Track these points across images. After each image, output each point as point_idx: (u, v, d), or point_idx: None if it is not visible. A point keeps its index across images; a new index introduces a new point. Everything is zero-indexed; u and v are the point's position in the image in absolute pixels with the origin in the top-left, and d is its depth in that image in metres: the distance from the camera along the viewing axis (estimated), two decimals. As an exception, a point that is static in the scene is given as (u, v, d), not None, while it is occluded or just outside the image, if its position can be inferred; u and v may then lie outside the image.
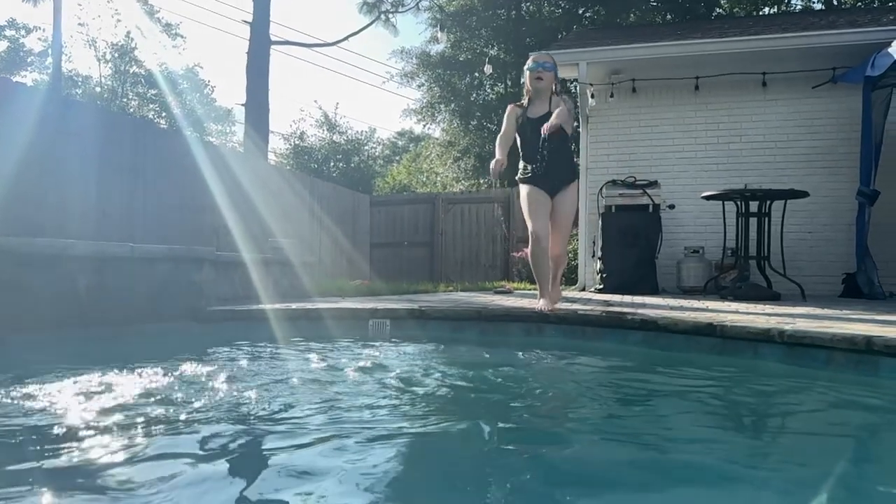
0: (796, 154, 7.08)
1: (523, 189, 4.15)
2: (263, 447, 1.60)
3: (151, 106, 25.02)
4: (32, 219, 5.22)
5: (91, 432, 1.60)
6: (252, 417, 1.82)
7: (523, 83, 4.21)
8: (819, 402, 2.28)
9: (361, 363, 2.67)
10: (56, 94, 10.88)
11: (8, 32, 26.16)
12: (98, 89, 25.18)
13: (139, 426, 1.66)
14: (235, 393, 2.08)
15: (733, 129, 7.28)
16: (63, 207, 5.61)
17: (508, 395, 2.31)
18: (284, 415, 1.87)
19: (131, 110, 24.14)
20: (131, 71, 24.82)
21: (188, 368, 2.42)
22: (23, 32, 26.18)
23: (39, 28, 25.84)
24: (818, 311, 4.36)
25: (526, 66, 4.15)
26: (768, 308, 4.61)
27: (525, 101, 4.21)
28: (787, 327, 2.84)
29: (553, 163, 4.04)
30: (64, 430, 1.62)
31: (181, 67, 27.33)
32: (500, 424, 1.83)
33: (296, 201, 9.89)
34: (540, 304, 4.05)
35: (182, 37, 27.43)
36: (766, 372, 2.75)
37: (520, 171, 4.18)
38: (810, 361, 2.67)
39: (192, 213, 7.29)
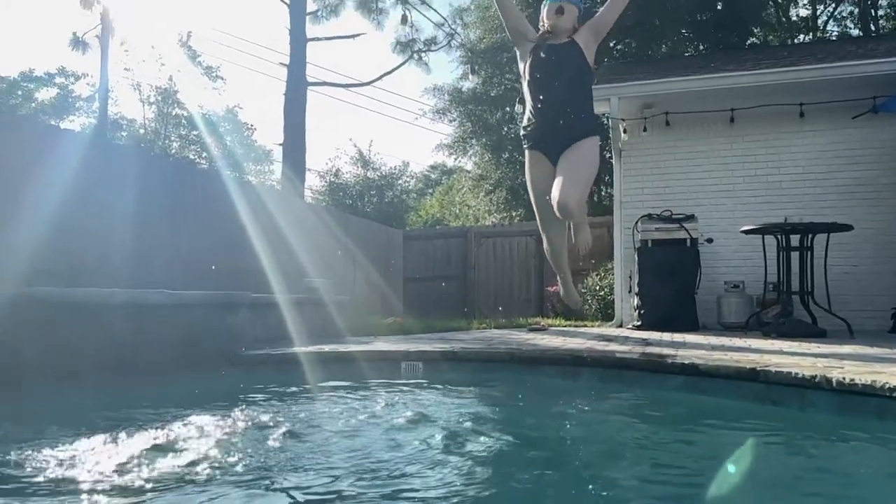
0: (837, 186, 6.90)
1: (526, 160, 3.35)
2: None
3: (193, 147, 25.79)
4: (75, 258, 5.36)
5: (121, 483, 1.60)
6: (278, 470, 1.81)
7: (541, 25, 3.33)
8: (882, 461, 2.16)
9: (393, 413, 2.64)
10: (100, 139, 11.31)
11: (58, 80, 27.42)
12: (142, 131, 26.10)
13: (169, 478, 1.66)
14: (265, 444, 2.07)
15: (771, 161, 7.15)
16: (104, 247, 5.76)
17: (545, 450, 2.25)
18: (312, 470, 1.85)
19: (173, 151, 24.92)
20: (174, 113, 25.68)
21: (218, 418, 2.42)
22: (72, 80, 27.42)
23: (87, 75, 27.04)
24: (867, 349, 4.19)
25: (544, 1, 3.32)
26: (814, 346, 4.44)
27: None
28: (835, 374, 2.72)
29: (561, 105, 3.13)
30: (97, 479, 1.62)
31: (222, 109, 28.21)
32: (537, 487, 1.77)
33: (330, 238, 10.00)
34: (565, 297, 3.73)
35: (222, 79, 28.38)
36: (814, 423, 2.63)
37: (522, 125, 3.36)
38: (863, 410, 2.54)
39: (229, 251, 7.41)
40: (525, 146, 3.33)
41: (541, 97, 3.18)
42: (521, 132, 3.36)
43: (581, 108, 3.18)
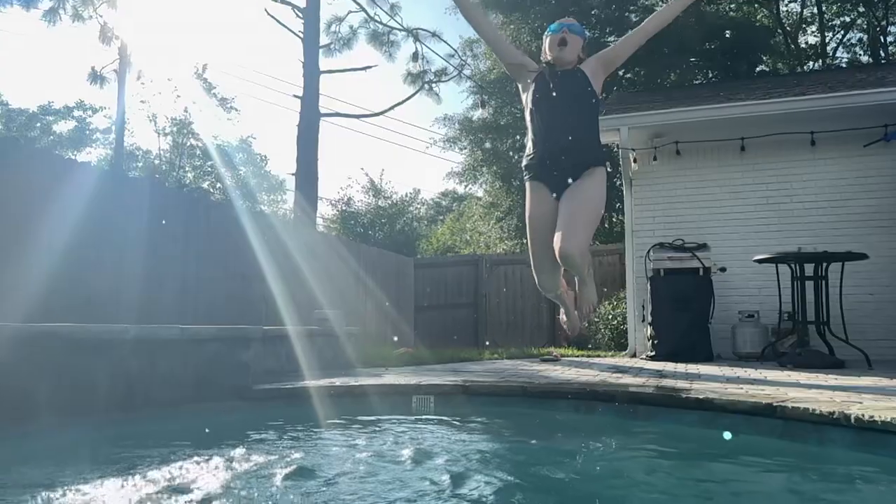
0: (850, 214, 6.85)
1: (527, 192, 3.07)
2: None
3: (207, 177, 26.12)
4: (90, 289, 5.41)
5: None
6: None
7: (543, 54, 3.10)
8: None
9: (403, 451, 2.61)
10: (115, 171, 11.48)
11: (76, 113, 27.99)
12: (157, 162, 26.48)
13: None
14: (273, 484, 2.06)
15: (783, 190, 7.12)
16: (118, 279, 5.81)
17: (557, 491, 2.21)
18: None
19: (188, 181, 25.24)
20: (188, 143, 26.06)
21: (228, 457, 2.41)
22: (90, 112, 27.98)
23: (105, 108, 27.59)
24: (887, 382, 4.11)
25: (546, 31, 3.08)
26: (831, 378, 4.37)
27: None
28: (853, 410, 2.67)
29: (565, 133, 2.88)
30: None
31: (236, 139, 28.61)
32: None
33: (342, 267, 10.03)
34: (563, 322, 3.52)
35: (237, 110, 28.78)
36: (833, 461, 2.57)
37: (524, 156, 3.10)
38: (885, 447, 2.48)
39: (241, 282, 7.46)
40: (525, 177, 3.07)
41: (543, 125, 2.95)
42: (523, 162, 3.09)
43: (586, 136, 2.94)
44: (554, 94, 2.94)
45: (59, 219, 5.25)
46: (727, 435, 2.84)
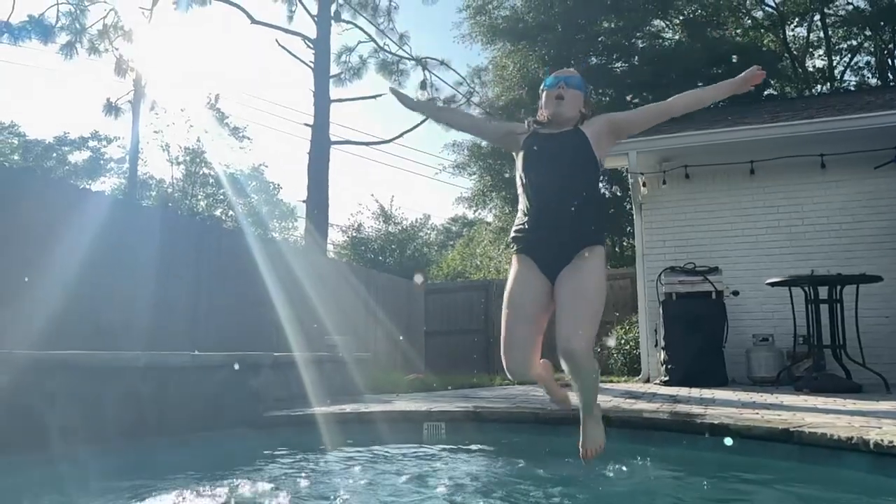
0: (863, 236, 6.80)
1: (512, 265, 2.67)
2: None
3: (219, 205, 26.38)
4: (101, 315, 5.45)
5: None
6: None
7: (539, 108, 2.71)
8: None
9: (413, 481, 2.58)
10: (128, 199, 11.62)
11: (91, 143, 28.46)
12: (170, 190, 26.79)
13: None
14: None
15: (794, 212, 7.09)
16: (130, 304, 5.85)
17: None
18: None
19: (200, 209, 25.48)
20: (201, 172, 26.37)
21: (237, 486, 2.39)
22: (104, 143, 28.43)
23: (119, 138, 28.03)
24: (906, 407, 4.03)
25: (543, 85, 2.70)
26: (849, 403, 4.30)
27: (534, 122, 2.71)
28: (872, 435, 2.62)
29: (560, 206, 2.49)
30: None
31: (248, 167, 28.93)
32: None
33: (352, 294, 10.04)
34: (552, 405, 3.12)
35: (249, 139, 29.15)
36: (852, 486, 2.51)
37: (513, 228, 2.68)
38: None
39: (251, 308, 7.47)
40: (513, 250, 2.65)
41: (535, 195, 2.55)
42: (511, 234, 2.65)
43: (585, 209, 2.50)
44: (547, 158, 2.57)
45: (73, 247, 5.31)
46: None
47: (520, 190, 2.63)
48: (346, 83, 16.33)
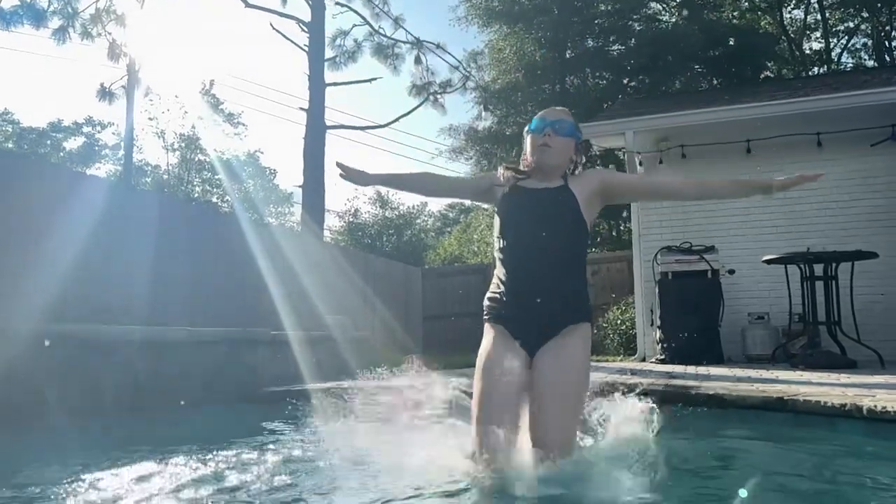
0: (859, 213, 6.81)
1: (484, 335, 2.30)
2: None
3: (216, 190, 26.31)
4: (99, 298, 5.44)
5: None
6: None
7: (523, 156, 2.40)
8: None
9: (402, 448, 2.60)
10: (124, 184, 11.57)
11: (85, 129, 28.29)
12: (166, 177, 26.70)
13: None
14: (284, 481, 2.05)
15: (790, 191, 7.07)
16: (128, 287, 5.84)
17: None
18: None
19: (196, 195, 25.41)
20: (196, 159, 26.27)
21: (232, 457, 2.40)
22: (98, 128, 28.27)
23: (113, 124, 27.87)
24: (900, 380, 4.06)
25: (527, 127, 2.39)
26: (843, 377, 4.33)
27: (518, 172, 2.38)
28: (866, 402, 2.64)
29: (541, 276, 2.18)
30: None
31: (243, 153, 28.81)
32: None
33: (348, 277, 10.04)
34: None
35: (244, 125, 29.04)
36: (845, 447, 2.53)
37: (487, 294, 2.33)
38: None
39: (248, 291, 7.48)
40: (485, 317, 2.31)
41: (514, 264, 2.23)
42: (485, 301, 2.31)
43: (569, 280, 2.20)
44: (529, 219, 2.25)
45: (71, 230, 5.30)
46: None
47: (496, 254, 2.28)
48: (342, 67, 16.24)
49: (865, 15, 18.50)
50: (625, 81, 17.99)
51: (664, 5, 19.04)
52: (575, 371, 2.12)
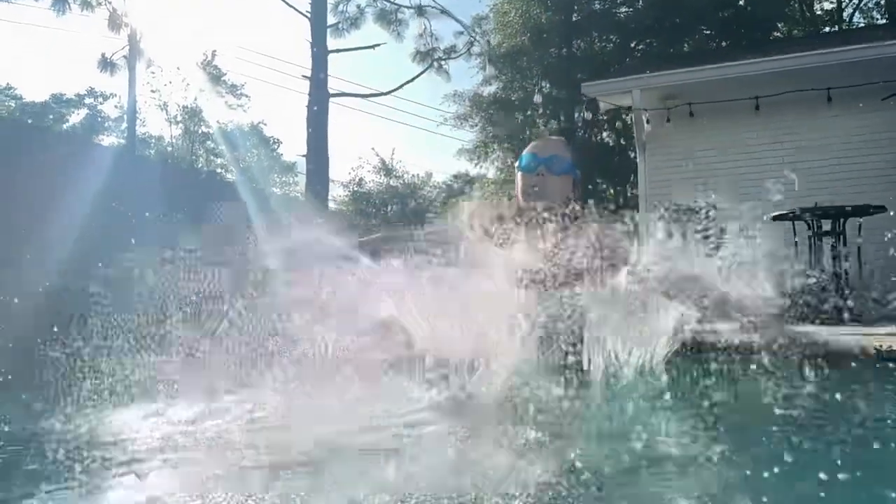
0: (868, 169, 6.74)
1: None
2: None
3: (220, 161, 26.25)
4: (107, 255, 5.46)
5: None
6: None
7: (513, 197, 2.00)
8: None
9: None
10: (130, 151, 11.57)
11: (88, 101, 28.18)
12: (170, 149, 26.64)
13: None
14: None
15: (799, 148, 7.00)
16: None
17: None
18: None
19: (200, 166, 25.37)
20: (200, 131, 26.16)
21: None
22: (100, 100, 28.15)
23: (115, 95, 27.74)
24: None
25: (518, 164, 2.10)
26: (861, 329, 4.32)
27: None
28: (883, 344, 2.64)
29: None
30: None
31: (247, 124, 28.66)
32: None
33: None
34: None
35: (247, 96, 28.80)
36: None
37: None
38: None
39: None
40: None
41: None
42: None
43: None
44: None
45: (76, 196, 5.31)
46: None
47: None
48: (345, 34, 16.08)
49: (878, -29, 18.10)
50: (632, 44, 17.70)
51: (672, -35, 18.65)
52: None
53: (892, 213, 5.92)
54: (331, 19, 15.24)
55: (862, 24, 19.25)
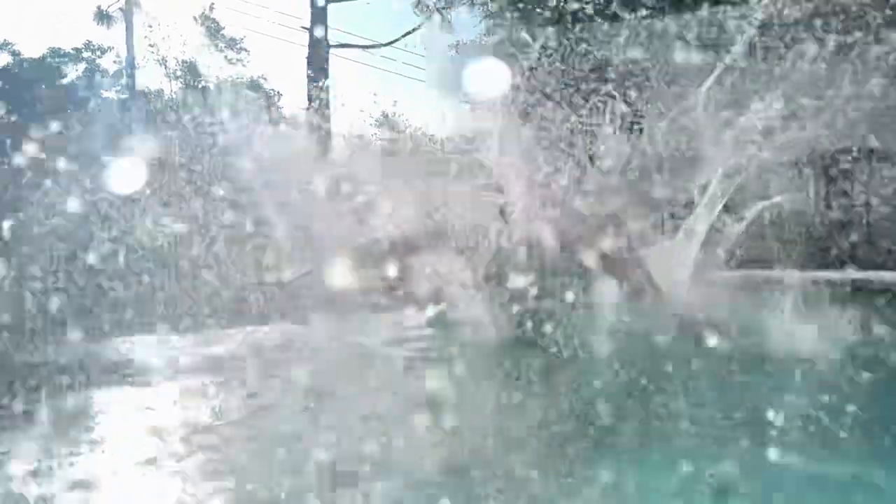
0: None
1: None
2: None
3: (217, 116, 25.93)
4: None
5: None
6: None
7: None
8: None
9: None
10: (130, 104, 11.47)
11: (85, 54, 27.68)
12: (170, 104, 26.29)
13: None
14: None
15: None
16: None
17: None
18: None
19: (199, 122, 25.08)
20: (199, 86, 25.75)
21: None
22: (98, 53, 27.64)
23: (112, 48, 27.21)
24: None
25: None
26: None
27: None
28: None
29: None
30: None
31: (247, 78, 28.19)
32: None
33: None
34: None
35: (246, 50, 28.26)
36: None
37: None
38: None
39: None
40: None
41: None
42: None
43: None
44: None
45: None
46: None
47: None
48: (344, -19, 15.68)
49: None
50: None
51: None
52: None
53: None
54: (330, -33, 14.85)
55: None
